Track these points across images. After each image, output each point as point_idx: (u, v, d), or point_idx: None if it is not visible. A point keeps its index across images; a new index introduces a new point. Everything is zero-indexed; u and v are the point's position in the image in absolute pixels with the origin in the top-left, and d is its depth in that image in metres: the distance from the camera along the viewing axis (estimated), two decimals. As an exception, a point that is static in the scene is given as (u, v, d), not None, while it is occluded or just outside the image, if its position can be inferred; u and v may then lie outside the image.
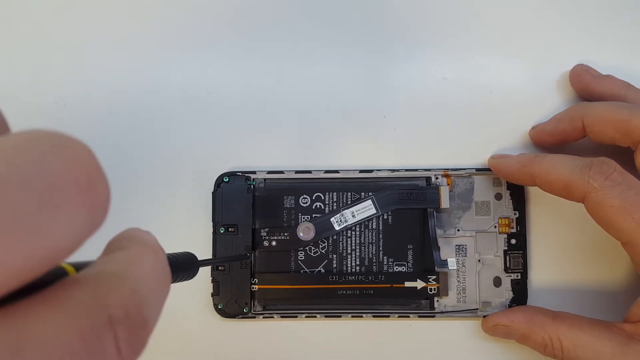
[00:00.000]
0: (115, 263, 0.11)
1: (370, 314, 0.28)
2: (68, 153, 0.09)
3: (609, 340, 0.23)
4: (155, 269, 0.12)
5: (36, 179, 0.08)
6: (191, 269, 0.18)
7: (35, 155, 0.08)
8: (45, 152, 0.09)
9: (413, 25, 0.30)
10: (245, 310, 0.28)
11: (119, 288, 0.10)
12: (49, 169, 0.09)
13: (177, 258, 0.17)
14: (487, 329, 0.27)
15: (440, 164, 0.29)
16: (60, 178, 0.09)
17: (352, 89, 0.30)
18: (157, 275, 0.12)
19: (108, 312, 0.09)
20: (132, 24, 0.30)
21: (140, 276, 0.11)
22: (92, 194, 0.09)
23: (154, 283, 0.11)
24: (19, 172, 0.08)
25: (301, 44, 0.30)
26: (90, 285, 0.10)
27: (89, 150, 0.10)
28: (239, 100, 0.29)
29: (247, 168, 0.29)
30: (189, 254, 0.18)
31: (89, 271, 0.10)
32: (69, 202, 0.09)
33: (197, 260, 0.19)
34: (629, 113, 0.24)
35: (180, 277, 0.18)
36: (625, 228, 0.22)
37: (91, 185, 0.09)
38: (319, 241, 0.28)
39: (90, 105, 0.29)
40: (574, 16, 0.30)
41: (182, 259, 0.18)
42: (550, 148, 0.28)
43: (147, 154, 0.29)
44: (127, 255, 0.11)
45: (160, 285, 0.12)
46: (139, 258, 0.11)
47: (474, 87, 0.29)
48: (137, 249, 0.12)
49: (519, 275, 0.28)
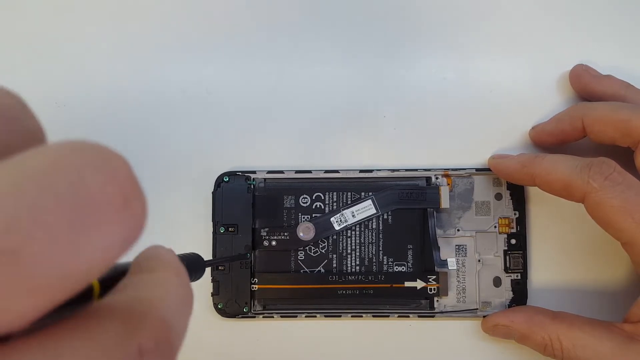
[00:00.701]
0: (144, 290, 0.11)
1: (370, 314, 0.28)
2: (105, 171, 0.09)
3: (609, 340, 0.23)
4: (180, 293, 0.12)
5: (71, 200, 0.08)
6: (199, 270, 0.18)
7: (71, 175, 0.08)
8: (82, 170, 0.09)
9: (413, 25, 0.30)
10: (245, 310, 0.28)
11: (149, 318, 0.10)
12: (85, 190, 0.08)
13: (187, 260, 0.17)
14: (487, 329, 0.27)
15: (440, 164, 0.29)
16: (96, 198, 0.09)
17: (352, 89, 0.30)
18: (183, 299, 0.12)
19: (139, 343, 0.10)
20: (132, 24, 0.30)
21: (168, 303, 0.11)
22: (127, 214, 0.09)
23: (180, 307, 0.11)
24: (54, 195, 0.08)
25: (301, 44, 0.30)
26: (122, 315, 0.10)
27: (127, 167, 0.10)
28: (239, 100, 0.29)
29: (247, 168, 0.29)
30: (196, 255, 0.18)
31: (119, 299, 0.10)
32: (104, 222, 0.09)
33: (204, 261, 0.19)
34: (629, 113, 0.24)
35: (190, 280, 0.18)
36: (625, 228, 0.22)
37: (127, 204, 0.09)
38: (319, 241, 0.28)
39: (90, 105, 0.29)
40: (574, 16, 0.30)
41: (192, 261, 0.18)
42: (550, 148, 0.28)
43: (147, 153, 0.29)
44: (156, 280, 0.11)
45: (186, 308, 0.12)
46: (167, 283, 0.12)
47: (474, 87, 0.29)
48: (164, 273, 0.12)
49: (518, 276, 0.28)
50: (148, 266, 0.12)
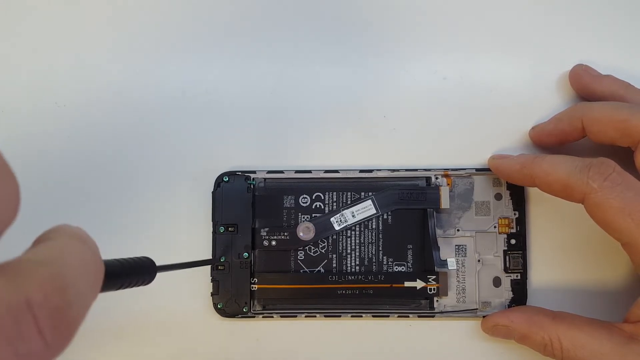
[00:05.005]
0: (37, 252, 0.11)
1: (369, 314, 0.28)
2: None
3: (609, 340, 0.23)
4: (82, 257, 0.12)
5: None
6: (145, 274, 0.18)
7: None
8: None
9: (413, 25, 0.30)
10: (244, 309, 0.28)
11: (37, 273, 0.10)
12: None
13: (127, 262, 0.17)
14: (487, 329, 0.27)
15: (440, 164, 0.29)
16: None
17: (352, 89, 0.30)
18: (85, 263, 0.12)
19: (25, 296, 0.09)
20: (132, 24, 0.30)
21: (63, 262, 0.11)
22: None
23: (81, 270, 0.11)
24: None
25: (301, 44, 0.30)
26: (8, 272, 0.10)
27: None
28: (239, 100, 0.29)
29: (247, 168, 0.29)
30: (145, 259, 0.18)
31: (9, 261, 0.10)
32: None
33: (155, 266, 0.19)
34: (628, 113, 0.24)
35: (135, 282, 0.18)
36: (625, 228, 0.22)
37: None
38: (318, 241, 0.28)
39: (90, 105, 0.29)
40: (574, 16, 0.30)
41: (134, 263, 0.18)
42: (550, 148, 0.28)
43: (147, 153, 0.29)
44: (51, 245, 0.11)
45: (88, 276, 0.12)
46: (64, 247, 0.12)
47: (474, 87, 0.29)
48: (63, 239, 0.12)
49: (518, 276, 0.28)
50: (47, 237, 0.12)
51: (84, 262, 0.12)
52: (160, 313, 0.28)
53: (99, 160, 0.29)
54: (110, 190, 0.29)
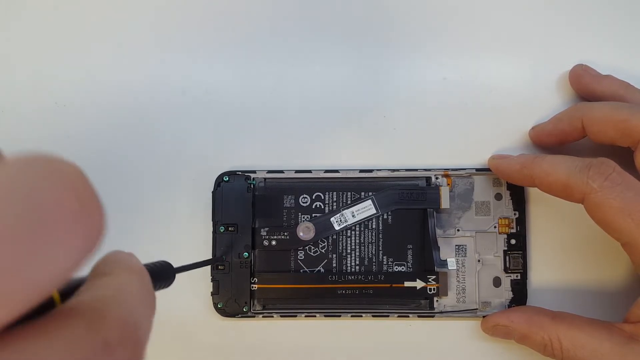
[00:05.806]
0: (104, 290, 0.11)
1: (369, 314, 0.28)
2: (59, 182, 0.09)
3: (609, 340, 0.23)
4: (142, 293, 0.12)
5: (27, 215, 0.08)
6: (168, 277, 0.18)
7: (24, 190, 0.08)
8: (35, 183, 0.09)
9: (413, 25, 0.30)
10: (244, 309, 0.28)
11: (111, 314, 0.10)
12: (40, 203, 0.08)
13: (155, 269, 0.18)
14: (487, 329, 0.27)
15: (440, 164, 0.29)
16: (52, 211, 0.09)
17: (352, 89, 0.30)
18: (145, 298, 0.12)
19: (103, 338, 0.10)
20: (132, 24, 0.30)
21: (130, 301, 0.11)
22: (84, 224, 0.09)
23: (142, 306, 0.12)
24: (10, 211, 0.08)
25: (301, 44, 0.30)
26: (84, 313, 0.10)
27: (81, 176, 0.10)
28: (239, 100, 0.30)
29: (247, 167, 0.29)
30: (165, 263, 0.19)
31: (80, 299, 0.11)
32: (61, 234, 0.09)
33: (173, 269, 0.19)
34: (628, 113, 0.24)
35: (159, 287, 0.18)
36: (625, 228, 0.22)
37: (83, 211, 0.09)
38: (318, 241, 0.28)
39: (90, 105, 0.29)
40: (574, 16, 0.30)
41: (160, 269, 0.18)
42: (550, 148, 0.28)
43: (147, 153, 0.29)
44: (115, 282, 0.12)
45: (148, 308, 0.12)
46: (127, 283, 0.12)
47: (474, 87, 0.29)
48: (124, 275, 0.12)
49: (518, 276, 0.28)
50: (106, 270, 0.12)
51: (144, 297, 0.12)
52: (160, 313, 0.28)
53: (99, 160, 0.29)
54: (110, 190, 0.29)
